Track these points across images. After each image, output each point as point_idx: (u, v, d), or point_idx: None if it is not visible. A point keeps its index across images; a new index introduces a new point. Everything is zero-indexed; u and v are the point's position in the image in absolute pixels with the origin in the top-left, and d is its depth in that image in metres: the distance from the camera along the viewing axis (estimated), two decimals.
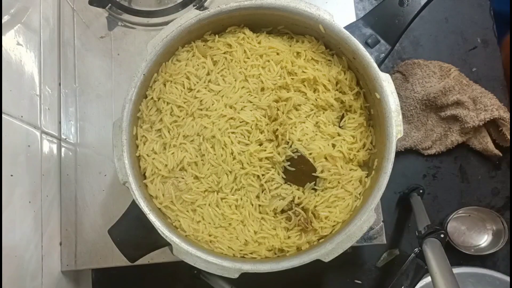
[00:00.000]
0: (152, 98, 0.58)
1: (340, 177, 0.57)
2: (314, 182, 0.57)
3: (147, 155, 0.57)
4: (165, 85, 0.58)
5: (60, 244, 0.70)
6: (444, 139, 0.84)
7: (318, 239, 0.56)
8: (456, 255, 0.80)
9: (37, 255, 0.63)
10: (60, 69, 0.75)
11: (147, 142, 0.57)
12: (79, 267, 0.70)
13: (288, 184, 0.57)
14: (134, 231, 0.54)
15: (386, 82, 0.54)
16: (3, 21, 0.61)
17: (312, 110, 0.59)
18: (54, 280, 0.67)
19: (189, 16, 0.56)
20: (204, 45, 0.60)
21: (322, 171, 0.56)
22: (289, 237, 0.56)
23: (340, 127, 0.60)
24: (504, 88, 0.86)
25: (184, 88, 0.58)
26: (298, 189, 0.57)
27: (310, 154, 0.57)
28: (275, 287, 0.78)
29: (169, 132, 0.57)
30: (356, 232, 0.51)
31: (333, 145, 0.58)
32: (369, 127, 0.60)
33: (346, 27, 0.57)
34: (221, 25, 0.60)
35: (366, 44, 0.58)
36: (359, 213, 0.52)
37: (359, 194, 0.57)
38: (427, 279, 0.73)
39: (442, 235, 0.64)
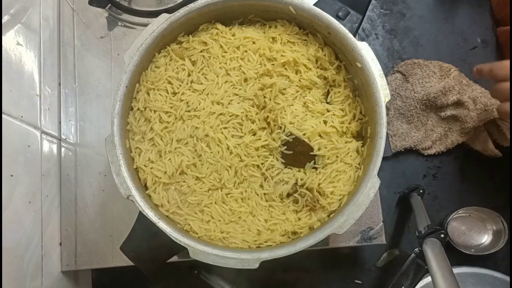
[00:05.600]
0: (138, 108, 0.57)
1: (337, 151, 0.58)
2: (313, 161, 0.57)
3: (145, 165, 0.56)
4: (148, 93, 0.58)
5: (60, 244, 0.69)
6: (444, 139, 0.83)
7: (328, 215, 0.57)
8: (456, 255, 0.79)
9: (37, 255, 0.63)
10: (60, 69, 0.75)
11: (142, 153, 0.57)
12: (79, 267, 0.69)
13: (288, 168, 0.57)
14: (146, 243, 0.54)
15: (365, 50, 0.55)
16: (3, 21, 0.60)
17: (298, 91, 0.59)
18: (54, 280, 0.67)
19: (160, 20, 0.55)
20: (179, 47, 0.59)
21: (319, 149, 0.57)
22: (299, 219, 0.57)
23: (327, 103, 0.60)
24: None
25: (168, 93, 0.58)
26: (299, 171, 0.57)
27: (304, 134, 0.57)
28: (275, 287, 0.79)
29: (161, 139, 0.57)
30: (364, 200, 0.52)
31: (325, 122, 0.59)
32: (355, 97, 0.60)
33: (315, 5, 0.58)
34: (192, 25, 0.60)
35: (338, 17, 0.58)
36: (363, 181, 0.53)
37: (359, 164, 0.58)
38: (427, 279, 0.73)
39: (442, 235, 0.64)
